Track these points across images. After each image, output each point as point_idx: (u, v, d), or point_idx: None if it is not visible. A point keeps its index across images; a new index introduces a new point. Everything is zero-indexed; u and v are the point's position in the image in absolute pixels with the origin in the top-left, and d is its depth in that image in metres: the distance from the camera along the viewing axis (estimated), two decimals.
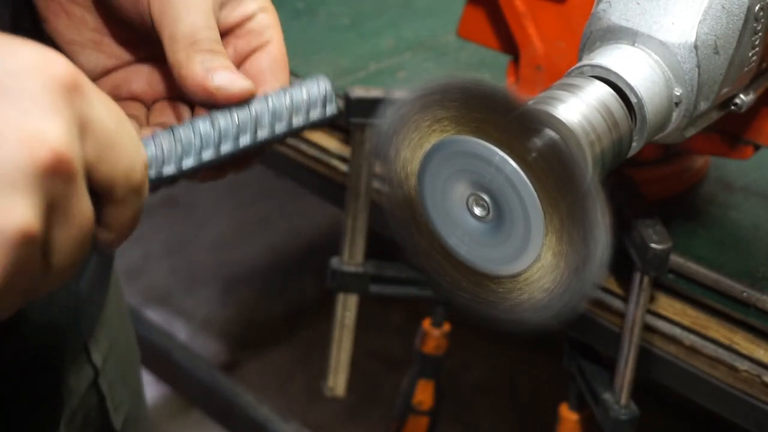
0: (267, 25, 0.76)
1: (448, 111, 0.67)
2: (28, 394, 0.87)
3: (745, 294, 1.13)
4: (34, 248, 0.55)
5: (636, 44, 0.83)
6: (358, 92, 1.29)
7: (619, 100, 0.78)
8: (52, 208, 0.56)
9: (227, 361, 2.58)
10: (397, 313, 2.62)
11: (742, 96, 0.91)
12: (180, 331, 2.61)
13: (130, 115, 0.77)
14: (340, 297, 1.39)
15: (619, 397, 1.17)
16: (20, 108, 0.55)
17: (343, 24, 1.66)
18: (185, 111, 0.78)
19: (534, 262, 0.68)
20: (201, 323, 2.67)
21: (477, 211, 0.69)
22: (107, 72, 0.79)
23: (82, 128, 0.58)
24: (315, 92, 0.75)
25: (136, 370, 1.13)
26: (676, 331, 1.15)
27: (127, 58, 0.80)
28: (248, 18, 0.76)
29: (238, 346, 2.63)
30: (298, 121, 0.74)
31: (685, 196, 1.28)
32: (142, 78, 0.79)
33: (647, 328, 1.16)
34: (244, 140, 0.72)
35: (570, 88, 0.76)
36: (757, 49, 0.88)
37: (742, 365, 1.11)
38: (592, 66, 0.80)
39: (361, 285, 1.37)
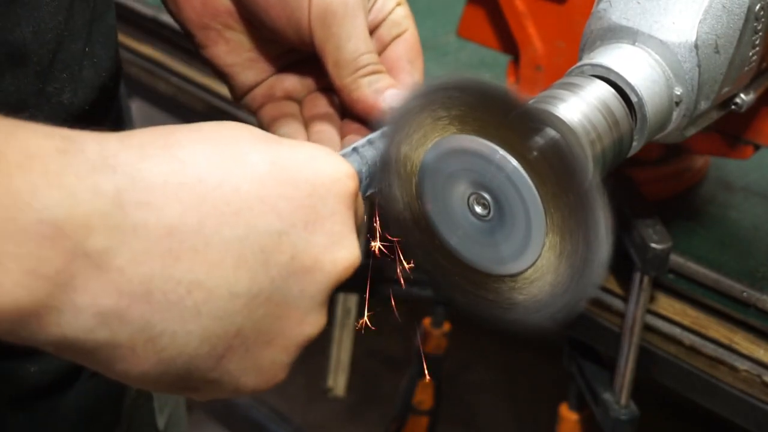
0: (404, 15, 0.86)
1: (448, 110, 0.67)
2: (91, 392, 0.88)
3: (745, 294, 1.13)
4: None
5: (636, 44, 0.83)
6: None
7: (620, 99, 0.77)
8: None
9: None
10: (397, 313, 2.62)
11: (742, 96, 0.91)
12: None
13: (288, 114, 0.84)
14: (340, 297, 1.39)
15: (619, 397, 1.17)
16: (331, 234, 0.62)
17: None
18: (334, 98, 0.85)
19: (535, 262, 0.68)
20: None
21: (478, 210, 0.69)
22: (263, 81, 0.86)
23: (358, 227, 0.65)
24: None
25: None
26: (676, 331, 1.15)
27: (275, 68, 0.86)
28: (389, 13, 0.84)
29: None
30: None
31: (685, 196, 1.28)
32: (292, 77, 0.86)
33: (647, 328, 1.16)
34: None
35: (571, 87, 0.76)
36: (757, 48, 0.88)
37: (742, 365, 1.11)
38: (593, 65, 0.80)
39: (361, 285, 1.37)
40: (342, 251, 0.62)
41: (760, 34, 0.87)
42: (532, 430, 2.39)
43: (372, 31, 0.83)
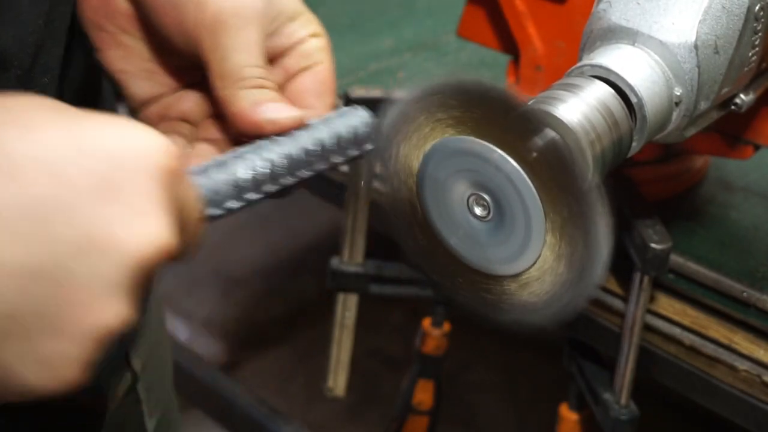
0: (317, 48, 0.78)
1: (448, 111, 0.67)
2: (71, 404, 0.87)
3: (745, 294, 1.13)
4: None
5: (636, 44, 0.83)
6: (358, 92, 1.29)
7: (620, 99, 0.78)
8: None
9: (227, 361, 2.58)
10: (397, 313, 2.62)
11: (742, 96, 0.91)
12: (180, 331, 2.61)
13: (178, 133, 0.79)
14: (340, 297, 1.39)
15: (619, 397, 1.17)
16: (131, 208, 0.55)
17: (343, 24, 1.66)
18: (228, 127, 0.79)
19: (534, 262, 0.68)
20: (201, 323, 2.67)
21: (477, 210, 0.69)
22: (157, 97, 0.81)
23: (178, 212, 0.59)
24: (356, 126, 0.75)
25: (169, 372, 1.13)
26: (676, 331, 1.16)
27: (176, 84, 0.81)
28: (299, 42, 0.78)
29: (238, 346, 2.63)
30: (336, 160, 0.75)
31: (685, 196, 1.28)
32: (191, 100, 0.80)
33: (647, 328, 1.16)
34: (300, 174, 0.73)
35: (570, 87, 0.76)
36: (757, 49, 0.88)
37: (742, 365, 1.11)
38: (593, 66, 0.80)
39: (361, 285, 1.37)
40: (145, 229, 0.55)
41: (760, 34, 0.87)
42: (532, 430, 2.39)
43: (276, 58, 0.78)
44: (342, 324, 1.40)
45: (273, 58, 0.78)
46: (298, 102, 0.76)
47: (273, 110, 0.73)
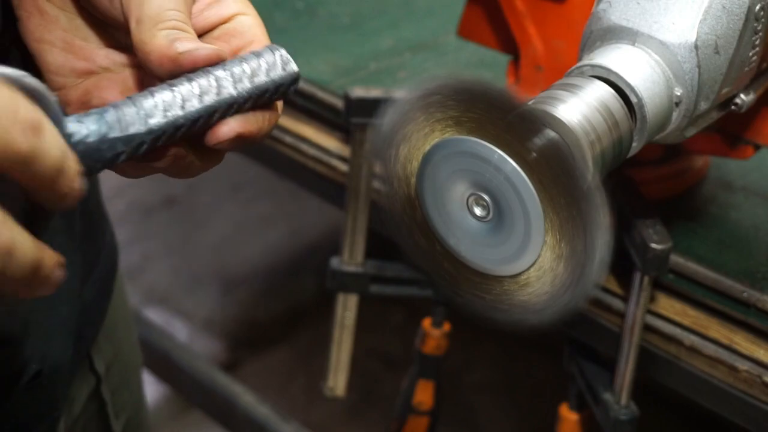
0: (248, 25, 0.74)
1: (447, 111, 0.67)
2: (29, 403, 0.86)
3: (745, 294, 1.13)
4: None
5: (636, 44, 0.83)
6: (358, 92, 1.29)
7: (620, 100, 0.78)
8: None
9: (227, 361, 2.58)
10: (397, 313, 2.62)
11: (742, 96, 0.91)
12: (180, 331, 2.61)
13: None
14: (340, 297, 1.39)
15: (619, 397, 1.17)
16: None
17: (343, 24, 1.66)
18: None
19: (534, 262, 0.68)
20: (201, 323, 2.67)
21: (477, 211, 0.69)
22: (77, 75, 0.77)
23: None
24: (272, 57, 0.72)
25: (138, 375, 1.13)
26: (676, 331, 1.15)
27: (99, 63, 0.77)
28: (228, 18, 0.74)
29: (238, 346, 2.63)
30: (260, 80, 0.71)
31: (685, 196, 1.28)
32: (115, 86, 0.76)
33: (647, 328, 1.16)
34: (208, 98, 0.69)
35: (570, 87, 0.76)
36: (757, 48, 0.88)
37: (743, 365, 1.11)
38: (593, 66, 0.80)
39: (361, 285, 1.37)
40: None
41: (760, 34, 0.87)
42: (532, 430, 2.39)
43: (202, 35, 0.73)
44: (342, 324, 1.40)
45: (202, 33, 0.74)
46: None
47: (191, 44, 0.69)
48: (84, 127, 0.64)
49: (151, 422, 1.15)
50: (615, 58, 0.81)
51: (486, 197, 0.68)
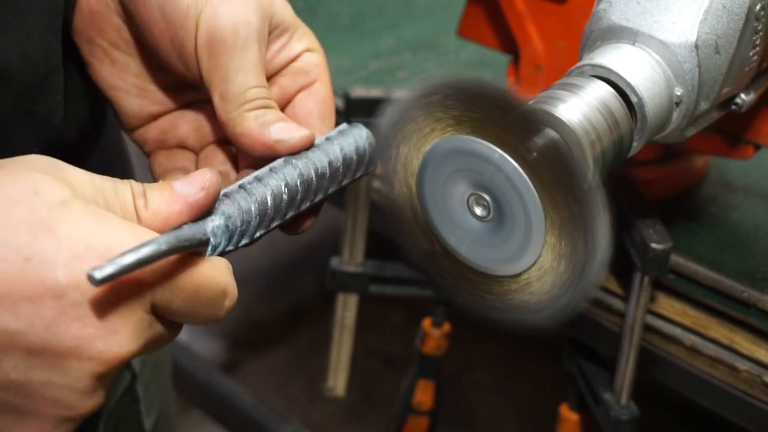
0: (313, 63, 0.78)
1: (448, 110, 0.67)
2: None
3: (745, 294, 1.13)
4: None
5: (636, 44, 0.82)
6: (358, 92, 1.29)
7: (620, 99, 0.77)
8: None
9: (227, 361, 2.58)
10: (397, 313, 2.62)
11: (742, 96, 0.91)
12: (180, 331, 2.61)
13: (180, 168, 0.78)
14: (340, 297, 1.39)
15: (619, 397, 1.17)
16: (82, 337, 0.60)
17: (343, 24, 1.66)
18: (232, 150, 0.79)
19: (534, 262, 0.68)
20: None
21: (477, 210, 0.69)
22: (153, 118, 0.80)
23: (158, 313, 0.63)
24: (363, 148, 0.77)
25: (167, 370, 1.13)
26: (676, 331, 1.15)
27: (171, 104, 0.80)
28: (294, 58, 0.77)
29: (238, 346, 2.63)
30: (346, 181, 0.76)
31: (685, 196, 1.28)
32: (189, 123, 0.79)
33: (647, 328, 1.16)
34: (305, 204, 0.75)
35: (570, 87, 0.76)
36: (757, 48, 0.88)
37: (743, 365, 1.11)
38: (593, 65, 0.80)
39: (361, 285, 1.37)
40: (111, 346, 0.60)
41: (761, 34, 0.87)
42: (532, 430, 2.39)
43: (272, 75, 0.77)
44: (342, 324, 1.40)
45: (270, 75, 0.77)
46: (304, 125, 0.76)
47: (283, 130, 0.72)
48: (219, 240, 0.70)
49: (175, 418, 1.15)
50: (615, 57, 0.81)
51: (486, 197, 0.68)
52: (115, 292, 0.60)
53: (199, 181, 0.65)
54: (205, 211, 0.67)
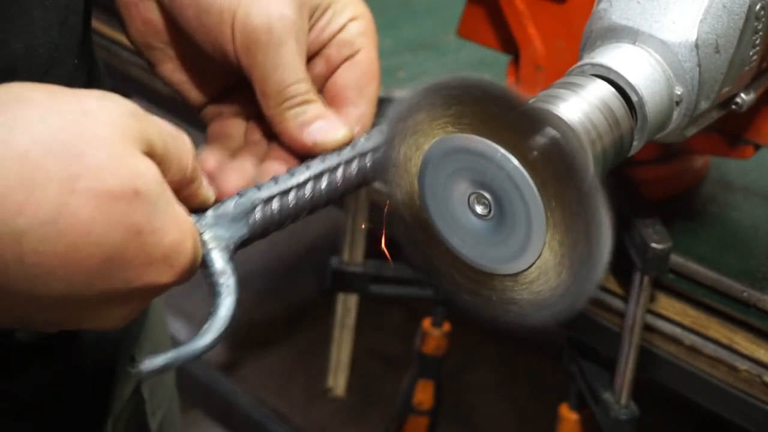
0: (358, 33, 0.79)
1: (448, 109, 0.67)
2: (79, 403, 0.88)
3: (745, 294, 1.13)
4: None
5: (637, 43, 0.83)
6: None
7: (620, 98, 0.77)
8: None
9: (227, 361, 2.58)
10: (397, 313, 2.62)
11: (742, 95, 0.91)
12: (180, 331, 2.61)
13: (228, 135, 0.81)
14: (340, 297, 1.39)
15: (619, 397, 1.17)
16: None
17: None
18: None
19: (535, 261, 0.68)
20: (201, 323, 2.66)
21: (478, 209, 0.69)
22: (212, 99, 0.82)
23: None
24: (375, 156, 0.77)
25: (171, 372, 1.14)
26: (676, 331, 1.15)
27: (227, 82, 0.82)
28: (339, 30, 0.78)
29: (238, 346, 2.63)
30: (362, 185, 0.78)
31: (685, 196, 1.28)
32: (241, 95, 0.81)
33: (647, 328, 1.16)
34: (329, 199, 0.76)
35: (571, 86, 0.76)
36: (758, 48, 0.88)
37: (743, 365, 1.11)
38: (593, 65, 0.80)
39: (361, 285, 1.37)
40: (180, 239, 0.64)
41: (761, 33, 0.87)
42: (532, 430, 2.39)
43: (318, 51, 0.78)
44: (342, 324, 1.40)
45: (315, 52, 0.78)
46: (338, 97, 0.78)
47: (320, 132, 0.75)
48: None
49: (187, 421, 1.16)
50: (615, 57, 0.81)
51: (487, 195, 0.68)
52: None
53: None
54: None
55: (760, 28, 0.87)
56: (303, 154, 0.76)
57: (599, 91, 0.76)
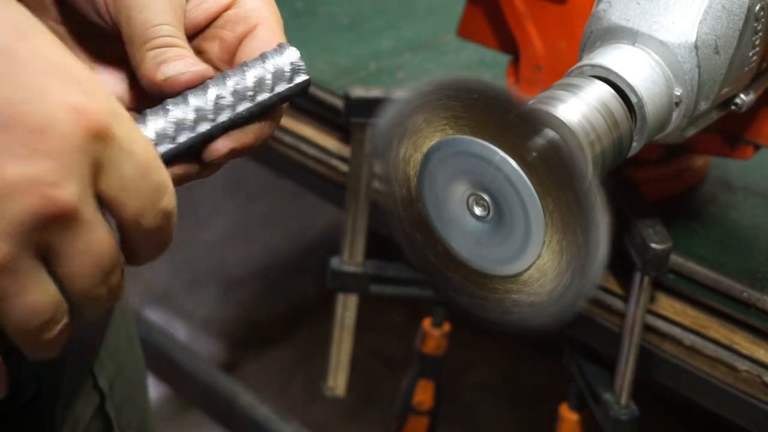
0: (252, 8, 0.71)
1: (447, 110, 0.67)
2: (27, 426, 0.86)
3: (745, 294, 1.13)
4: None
5: (636, 44, 0.83)
6: (358, 92, 1.29)
7: (620, 99, 0.78)
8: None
9: (227, 361, 2.58)
10: (397, 313, 2.62)
11: (742, 96, 0.91)
12: (180, 331, 2.61)
13: None
14: (340, 297, 1.39)
15: (619, 397, 1.17)
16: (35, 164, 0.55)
17: (343, 24, 1.66)
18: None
19: (534, 262, 0.68)
20: (201, 323, 2.67)
21: (477, 210, 0.69)
22: None
23: (98, 171, 0.58)
24: (280, 64, 0.69)
25: (143, 390, 1.11)
26: (676, 331, 1.15)
27: (94, 61, 0.74)
28: (229, 5, 0.71)
29: (238, 346, 2.63)
30: (263, 97, 0.69)
31: (685, 196, 1.28)
32: (116, 83, 0.74)
33: (647, 328, 1.16)
34: (203, 127, 0.67)
35: (570, 87, 0.76)
36: (757, 48, 0.88)
37: (743, 365, 1.11)
38: (593, 66, 0.80)
39: (361, 285, 1.37)
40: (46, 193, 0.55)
41: (760, 34, 0.87)
42: (532, 430, 2.39)
43: (206, 25, 0.71)
44: (342, 324, 1.40)
45: (204, 26, 0.72)
46: None
47: (175, 67, 0.67)
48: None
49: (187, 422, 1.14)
50: (615, 58, 0.81)
51: (486, 197, 0.68)
52: None
53: None
54: None
55: (759, 28, 0.87)
56: (157, 95, 0.68)
57: (598, 93, 0.77)
